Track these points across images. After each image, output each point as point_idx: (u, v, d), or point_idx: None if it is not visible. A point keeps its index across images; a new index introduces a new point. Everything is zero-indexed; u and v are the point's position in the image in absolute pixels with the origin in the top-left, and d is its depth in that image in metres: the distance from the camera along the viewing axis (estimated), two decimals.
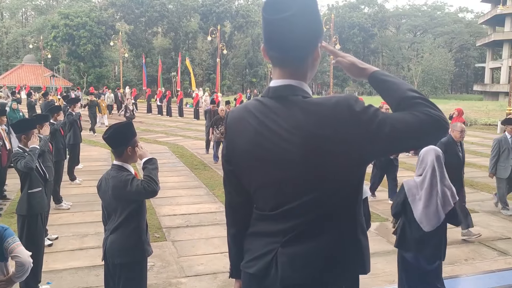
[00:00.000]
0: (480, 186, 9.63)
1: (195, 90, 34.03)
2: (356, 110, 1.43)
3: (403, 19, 77.54)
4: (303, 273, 1.52)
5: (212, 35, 33.51)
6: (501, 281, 4.91)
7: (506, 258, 5.71)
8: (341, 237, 1.54)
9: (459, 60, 69.78)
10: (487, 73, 56.92)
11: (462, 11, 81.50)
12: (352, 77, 1.72)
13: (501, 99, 45.38)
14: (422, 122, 1.42)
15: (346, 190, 1.53)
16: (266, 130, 1.52)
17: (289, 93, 1.53)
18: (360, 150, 1.45)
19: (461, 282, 4.97)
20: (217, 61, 35.52)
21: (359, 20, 68.06)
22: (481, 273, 5.19)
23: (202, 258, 5.46)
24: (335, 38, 31.22)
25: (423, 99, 1.48)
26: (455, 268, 5.32)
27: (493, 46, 54.28)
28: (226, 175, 1.75)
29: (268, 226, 1.60)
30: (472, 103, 37.58)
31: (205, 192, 8.75)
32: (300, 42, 1.51)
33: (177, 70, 40.02)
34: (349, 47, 67.20)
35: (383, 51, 73.83)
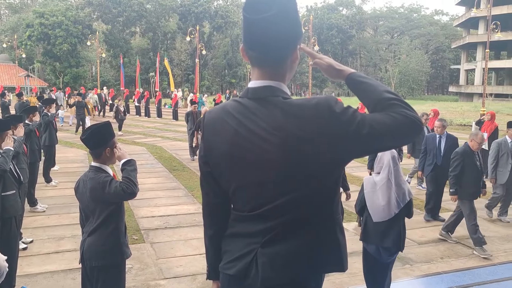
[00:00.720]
0: None
1: (173, 90, 33.77)
2: (336, 111, 1.45)
3: (381, 21, 78.53)
4: (283, 273, 1.53)
5: (191, 36, 33.31)
6: (475, 278, 5.02)
7: (480, 256, 5.83)
8: (320, 236, 1.56)
9: (435, 61, 71.01)
10: (462, 74, 58.11)
11: (438, 14, 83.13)
12: (330, 78, 1.74)
13: (475, 100, 46.38)
14: (398, 123, 1.45)
15: (324, 189, 1.55)
16: (246, 130, 1.53)
17: (269, 94, 1.54)
18: (339, 151, 1.47)
19: (437, 280, 5.05)
20: (196, 62, 35.30)
21: (338, 22, 68.66)
22: (456, 271, 5.29)
23: (181, 260, 5.42)
24: (314, 39, 31.39)
25: (399, 100, 1.51)
26: (432, 266, 5.40)
27: (467, 48, 55.42)
28: (204, 176, 1.74)
29: (247, 227, 1.60)
30: (448, 104, 38.35)
31: (184, 193, 8.69)
32: (280, 42, 1.52)
33: (155, 70, 39.58)
34: (327, 48, 67.73)
35: (361, 52, 74.65)
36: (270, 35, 1.50)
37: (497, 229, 6.88)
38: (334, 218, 1.61)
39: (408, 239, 6.20)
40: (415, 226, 6.91)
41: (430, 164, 7.17)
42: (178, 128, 20.87)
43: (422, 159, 7.36)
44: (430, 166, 7.18)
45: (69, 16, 48.36)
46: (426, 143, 7.30)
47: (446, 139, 7.20)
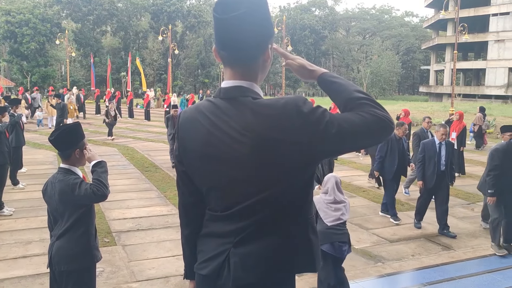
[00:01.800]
0: None
1: (145, 90, 33.37)
2: (304, 111, 1.46)
3: (353, 22, 79.61)
4: (255, 273, 1.54)
5: (163, 35, 33.06)
6: (444, 275, 5.13)
7: (449, 252, 5.97)
8: (292, 236, 1.57)
9: (406, 62, 72.42)
10: (431, 75, 59.41)
11: (408, 15, 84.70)
12: (302, 79, 1.75)
13: (444, 100, 47.48)
14: (368, 122, 1.47)
15: (296, 189, 1.55)
16: (218, 131, 1.53)
17: (239, 94, 1.55)
18: (309, 151, 1.47)
19: (408, 277, 5.14)
20: (168, 61, 35.07)
21: (310, 22, 69.27)
22: (426, 268, 5.39)
23: (153, 262, 5.35)
24: (287, 40, 31.58)
25: (369, 99, 1.53)
26: (403, 263, 5.49)
27: (437, 49, 56.70)
28: (179, 176, 1.75)
29: (220, 227, 1.60)
30: (418, 104, 39.14)
31: (156, 194, 8.59)
32: (251, 41, 1.52)
33: (127, 70, 39.10)
34: (300, 48, 68.25)
35: (333, 53, 75.50)
36: (240, 34, 1.50)
37: (465, 226, 7.05)
38: (307, 218, 1.62)
39: (380, 238, 6.35)
40: (387, 225, 7.02)
41: (433, 173, 6.56)
42: (151, 129, 20.64)
43: (421, 168, 6.68)
44: (434, 175, 6.54)
45: (36, 14, 47.20)
46: (424, 150, 6.69)
47: (446, 146, 6.69)
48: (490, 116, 24.66)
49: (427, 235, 6.62)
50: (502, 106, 38.35)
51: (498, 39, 46.81)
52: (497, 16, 47.26)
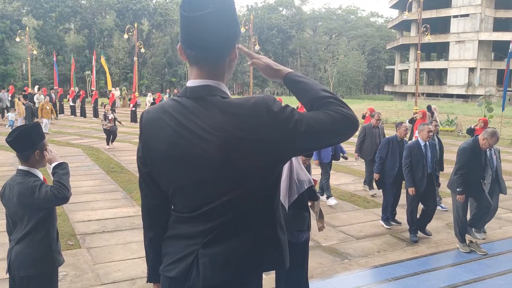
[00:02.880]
0: None
1: (111, 90, 32.77)
2: (274, 110, 1.47)
3: (320, 22, 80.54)
4: (225, 273, 1.54)
5: (129, 33, 32.50)
6: (409, 270, 5.24)
7: (414, 248, 6.11)
8: (261, 234, 1.58)
9: (371, 62, 73.85)
10: (396, 74, 60.84)
11: (374, 16, 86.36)
12: (268, 78, 1.75)
13: (409, 99, 48.72)
14: (335, 120, 1.49)
15: (264, 188, 1.56)
16: (185, 130, 1.51)
17: (207, 94, 1.53)
18: (278, 149, 1.48)
19: (374, 273, 5.23)
20: (134, 60, 34.54)
21: (278, 22, 69.68)
22: (391, 263, 5.50)
23: (119, 264, 5.25)
24: (255, 39, 31.60)
25: (335, 98, 1.55)
26: (369, 260, 5.58)
27: (401, 49, 58.09)
28: (142, 177, 1.71)
29: (188, 228, 1.58)
30: (384, 103, 40.00)
31: (122, 195, 8.44)
32: (218, 41, 1.52)
33: (91, 68, 38.27)
34: (268, 48, 68.54)
35: (301, 52, 76.19)
36: (208, 33, 1.49)
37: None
38: (275, 216, 1.63)
39: (346, 235, 6.42)
40: (354, 221, 7.12)
41: (422, 176, 6.29)
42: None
43: (410, 173, 6.31)
44: (424, 178, 6.29)
45: None
46: (411, 154, 6.33)
47: (430, 146, 6.50)
48: (452, 115, 25.41)
49: (392, 231, 6.75)
50: (463, 105, 39.67)
51: (458, 40, 48.36)
52: (457, 18, 48.84)
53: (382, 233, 6.68)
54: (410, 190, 6.30)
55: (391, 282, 4.94)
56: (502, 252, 5.98)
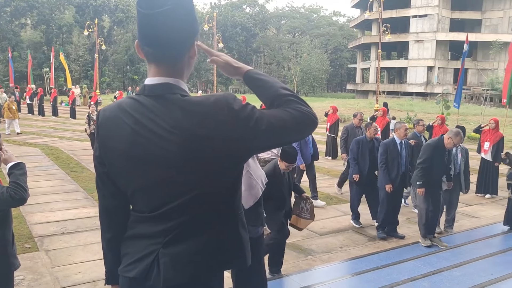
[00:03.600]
0: None
1: (71, 87, 31.88)
2: (235, 108, 1.46)
3: (283, 20, 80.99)
4: (186, 272, 1.52)
5: (89, 30, 31.69)
6: (370, 264, 5.35)
7: (375, 243, 6.25)
8: (222, 233, 1.57)
9: (334, 60, 74.83)
10: (358, 73, 61.92)
11: (336, 15, 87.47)
12: (227, 75, 1.74)
13: (370, 97, 49.70)
14: (295, 118, 1.50)
15: (226, 187, 1.55)
16: (144, 129, 1.48)
17: (167, 92, 1.51)
18: (239, 148, 1.48)
19: (337, 268, 5.32)
20: (95, 57, 33.74)
21: (241, 20, 69.63)
22: (353, 258, 5.61)
23: (80, 267, 5.12)
24: (218, 37, 31.48)
25: (295, 96, 1.56)
26: (332, 255, 5.67)
27: (362, 48, 59.12)
28: (100, 178, 1.67)
29: (148, 228, 1.55)
30: (346, 101, 40.65)
31: (83, 196, 8.22)
32: (177, 38, 1.50)
33: (50, 65, 37.05)
34: (232, 45, 68.41)
35: (264, 50, 76.39)
36: (166, 30, 1.47)
37: None
38: (236, 214, 1.62)
39: (310, 231, 6.49)
40: (317, 218, 7.15)
41: (397, 175, 6.35)
42: (77, 127, 19.74)
43: (386, 171, 6.33)
44: (398, 177, 6.36)
45: None
46: (387, 152, 6.35)
47: (405, 145, 6.56)
48: (412, 112, 26.12)
49: (354, 227, 6.88)
50: (422, 102, 40.80)
51: (417, 40, 49.72)
52: (416, 18, 50.18)
53: (345, 229, 6.79)
54: (388, 187, 6.29)
55: (353, 277, 5.03)
56: (458, 244, 6.20)
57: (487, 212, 7.85)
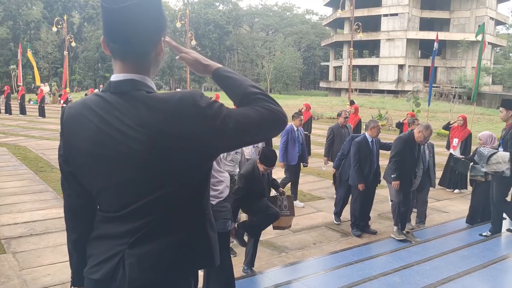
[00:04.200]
0: (325, 175, 10.50)
1: (39, 85, 31.09)
2: (202, 105, 1.43)
3: (256, 18, 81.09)
4: (153, 272, 1.49)
5: (58, 26, 30.99)
6: (343, 260, 5.41)
7: (348, 238, 6.33)
8: (190, 232, 1.54)
9: (307, 58, 75.37)
10: (331, 71, 62.54)
11: (309, 13, 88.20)
12: (197, 73, 1.71)
13: (343, 94, 50.26)
14: (264, 116, 1.47)
15: (193, 185, 1.53)
16: (109, 127, 1.44)
17: (132, 88, 1.48)
18: (206, 146, 1.45)
19: (310, 265, 5.34)
20: (64, 54, 32.97)
21: (215, 17, 69.32)
22: (326, 255, 5.65)
23: (49, 269, 4.99)
24: (191, 34, 31.24)
25: (264, 94, 1.54)
26: (305, 252, 5.70)
27: (335, 46, 59.77)
28: (64, 177, 1.63)
29: (114, 228, 1.52)
30: (319, 99, 41.06)
31: (52, 196, 8.03)
32: (143, 34, 1.47)
33: (17, 62, 36.03)
34: (205, 43, 68.06)
35: (238, 48, 76.27)
36: (131, 26, 1.44)
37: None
38: (204, 213, 1.60)
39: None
40: None
41: (369, 172, 6.41)
42: (46, 126, 19.30)
43: (359, 169, 6.35)
44: (370, 174, 6.43)
45: None
46: (360, 150, 6.37)
47: (376, 143, 6.55)
48: (383, 110, 26.54)
49: (327, 223, 6.94)
50: (393, 100, 41.53)
51: (388, 38, 50.55)
52: (387, 17, 51.02)
53: (318, 225, 6.84)
54: (360, 186, 6.34)
55: (326, 273, 5.07)
56: (429, 239, 6.32)
57: (455, 207, 8.04)
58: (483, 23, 19.10)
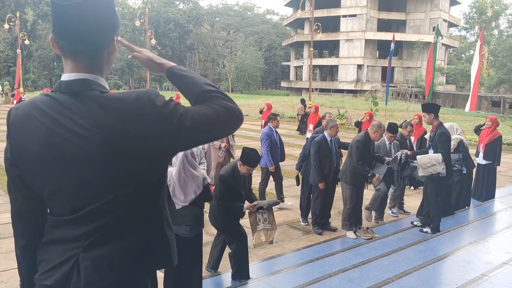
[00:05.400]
0: (287, 173, 10.58)
1: None
2: (158, 104, 1.42)
3: (217, 17, 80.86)
4: (109, 275, 1.46)
5: (10, 23, 29.84)
6: (304, 258, 5.47)
7: (309, 236, 6.41)
8: (147, 233, 1.53)
9: (268, 58, 75.77)
10: (292, 71, 63.17)
11: (269, 13, 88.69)
12: (150, 72, 1.70)
13: (304, 94, 50.76)
14: (220, 114, 1.47)
15: (150, 186, 1.51)
16: (61, 128, 1.40)
17: (85, 88, 1.44)
18: (163, 145, 1.44)
19: (272, 264, 5.38)
20: (17, 53, 31.82)
21: (175, 16, 68.63)
22: (288, 253, 5.71)
23: (2, 275, 4.82)
24: (151, 33, 30.82)
25: (219, 92, 1.54)
26: (267, 251, 5.73)
27: (296, 46, 60.41)
28: (12, 181, 1.56)
29: (67, 232, 1.47)
30: (280, 98, 41.37)
31: (4, 200, 7.72)
32: (94, 31, 1.43)
33: None
34: (165, 42, 67.29)
35: (199, 47, 75.79)
36: (83, 23, 1.40)
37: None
38: (161, 213, 1.58)
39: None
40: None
41: (329, 171, 6.50)
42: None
43: (319, 169, 6.43)
44: (330, 173, 6.52)
45: None
46: (320, 150, 6.45)
47: (334, 142, 6.66)
48: (343, 109, 27.02)
49: (289, 221, 7.00)
50: (353, 99, 42.38)
51: (347, 39, 51.55)
52: (346, 18, 52.04)
53: (280, 224, 6.87)
54: (321, 185, 6.43)
55: (288, 271, 5.10)
56: (387, 235, 6.48)
57: (412, 203, 8.28)
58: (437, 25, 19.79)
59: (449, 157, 6.44)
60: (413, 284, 4.66)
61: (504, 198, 8.85)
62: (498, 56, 43.96)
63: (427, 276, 4.92)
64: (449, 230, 6.68)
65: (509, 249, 5.80)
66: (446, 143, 6.36)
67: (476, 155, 8.83)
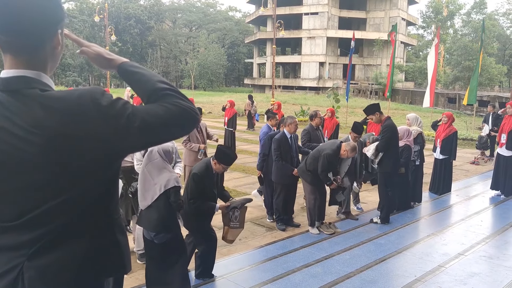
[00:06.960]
0: (251, 171, 10.60)
1: None
2: (102, 104, 1.33)
3: (179, 14, 79.87)
4: (56, 285, 1.37)
5: None
6: (268, 254, 5.49)
7: (272, 232, 6.43)
8: (97, 239, 1.44)
9: (231, 55, 75.53)
10: (255, 68, 63.27)
11: (232, 10, 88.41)
12: (100, 68, 1.61)
13: (267, 91, 51.01)
14: (172, 113, 1.40)
15: (99, 189, 1.42)
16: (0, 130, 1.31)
17: (24, 86, 1.35)
18: (110, 147, 1.35)
19: (235, 261, 5.36)
20: None
21: (135, 12, 67.45)
22: (252, 250, 5.71)
23: None
24: (111, 29, 30.13)
25: (173, 90, 1.46)
26: (231, 248, 5.71)
27: (259, 43, 60.49)
28: None
29: (10, 239, 1.37)
30: (244, 95, 41.14)
31: None
32: (35, 25, 1.34)
33: None
34: (126, 38, 66.05)
35: (161, 44, 74.72)
36: (23, 16, 1.31)
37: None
38: (112, 218, 1.51)
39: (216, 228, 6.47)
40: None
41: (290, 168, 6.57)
42: None
43: (279, 165, 6.51)
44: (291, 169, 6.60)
45: None
46: (280, 147, 6.48)
47: (294, 139, 6.77)
48: (305, 106, 27.31)
49: (252, 219, 7.01)
50: (315, 96, 42.90)
51: (310, 36, 52.09)
52: (308, 15, 52.54)
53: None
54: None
55: (252, 268, 5.11)
56: (349, 229, 6.59)
57: (373, 198, 8.45)
58: (396, 23, 20.26)
59: (388, 148, 6.66)
60: (374, 277, 4.76)
61: (460, 191, 9.18)
62: (454, 54, 45.47)
63: (388, 269, 5.03)
64: (408, 224, 6.86)
65: (464, 240, 6.02)
66: (387, 133, 6.68)
67: (434, 150, 9.11)
